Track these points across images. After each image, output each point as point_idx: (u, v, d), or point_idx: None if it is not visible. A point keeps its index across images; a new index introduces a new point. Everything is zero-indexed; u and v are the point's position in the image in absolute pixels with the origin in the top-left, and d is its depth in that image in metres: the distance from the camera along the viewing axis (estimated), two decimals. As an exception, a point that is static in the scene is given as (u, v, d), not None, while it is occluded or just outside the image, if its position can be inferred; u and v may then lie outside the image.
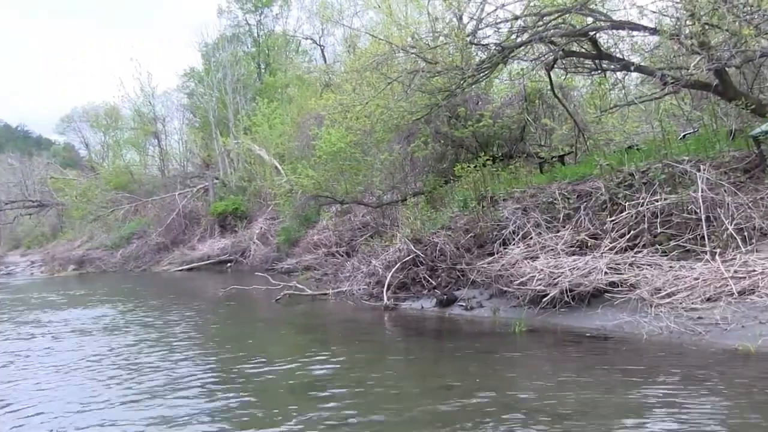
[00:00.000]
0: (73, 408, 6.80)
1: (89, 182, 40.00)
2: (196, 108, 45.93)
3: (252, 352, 9.43)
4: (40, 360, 9.76)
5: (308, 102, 28.42)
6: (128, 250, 33.73)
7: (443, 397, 6.34)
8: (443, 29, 13.81)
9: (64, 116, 71.38)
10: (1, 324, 14.35)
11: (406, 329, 10.99)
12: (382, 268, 13.61)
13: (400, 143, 17.18)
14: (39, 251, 50.04)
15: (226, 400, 6.87)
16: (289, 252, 23.87)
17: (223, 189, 35.47)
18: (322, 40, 41.47)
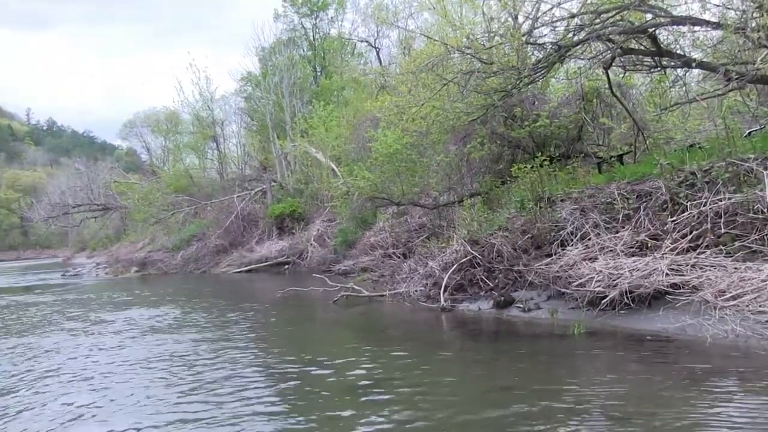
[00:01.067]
0: (132, 404, 7.05)
1: (151, 186, 40.92)
2: (253, 111, 46.56)
3: (309, 353, 9.54)
4: (108, 356, 10.14)
5: (364, 104, 28.55)
6: (188, 252, 34.37)
7: (501, 399, 6.32)
8: (499, 29, 13.74)
9: (127, 122, 73.55)
10: (74, 322, 14.95)
11: (463, 331, 10.97)
12: (438, 270, 13.59)
13: (457, 144, 17.13)
14: (104, 253, 51.57)
15: (282, 400, 6.98)
16: (346, 254, 23.99)
17: (280, 191, 35.87)
18: (378, 42, 41.58)
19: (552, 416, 5.66)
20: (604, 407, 5.83)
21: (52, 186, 62.56)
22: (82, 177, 51.47)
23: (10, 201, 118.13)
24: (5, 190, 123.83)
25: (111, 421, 6.53)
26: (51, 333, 13.40)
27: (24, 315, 17.24)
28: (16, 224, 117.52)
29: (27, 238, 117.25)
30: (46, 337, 12.87)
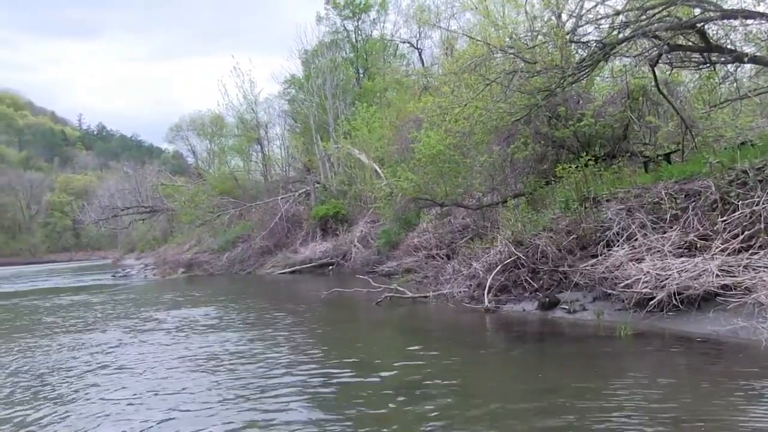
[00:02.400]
0: (178, 397, 7.16)
1: (196, 188, 41.46)
2: (297, 114, 46.91)
3: (353, 354, 9.57)
4: (158, 353, 10.41)
5: (407, 105, 28.57)
6: (233, 253, 34.73)
7: (546, 401, 6.25)
8: (542, 28, 13.63)
9: (173, 125, 74.78)
10: (126, 320, 15.35)
11: (507, 332, 10.88)
12: (482, 271, 13.51)
13: (500, 145, 17.00)
14: (151, 254, 52.46)
15: (325, 401, 7.01)
16: (389, 255, 24.00)
17: (324, 193, 36.04)
18: (420, 43, 41.57)
19: (598, 419, 5.57)
20: (651, 411, 5.71)
21: (102, 189, 63.98)
22: (131, 180, 52.50)
23: (63, 204, 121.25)
24: (59, 194, 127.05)
25: (158, 414, 6.65)
26: (106, 330, 13.84)
27: (81, 313, 17.75)
28: (69, 226, 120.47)
29: (79, 240, 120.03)
30: (101, 333, 13.33)
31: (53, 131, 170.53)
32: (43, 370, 9.77)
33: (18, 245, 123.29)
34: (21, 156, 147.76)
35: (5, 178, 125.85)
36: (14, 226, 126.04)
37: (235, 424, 6.29)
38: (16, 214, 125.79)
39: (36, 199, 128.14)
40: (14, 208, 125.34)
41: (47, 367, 9.92)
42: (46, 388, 8.51)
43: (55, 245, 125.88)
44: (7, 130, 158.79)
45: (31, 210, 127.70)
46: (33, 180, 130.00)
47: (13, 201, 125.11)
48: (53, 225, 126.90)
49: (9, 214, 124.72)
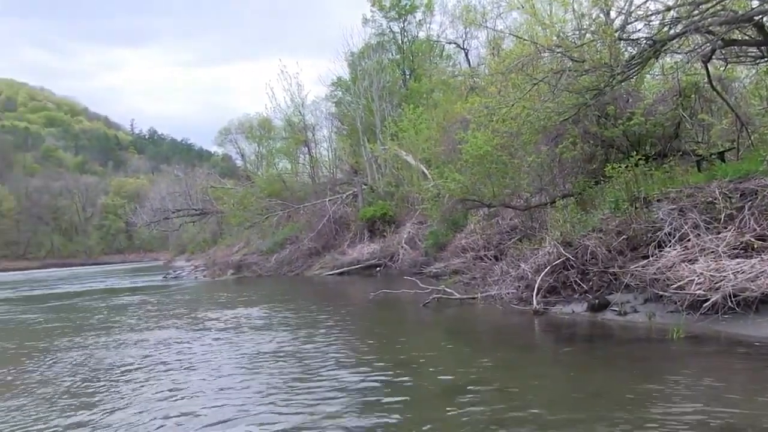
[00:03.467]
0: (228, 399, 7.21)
1: (245, 190, 41.95)
2: (343, 116, 47.17)
3: (400, 355, 9.57)
4: (210, 351, 10.64)
5: (453, 106, 28.45)
6: (282, 255, 35.00)
7: (595, 405, 6.17)
8: (590, 26, 13.43)
9: (222, 129, 75.85)
10: (180, 320, 15.74)
11: (556, 334, 10.76)
12: (531, 272, 13.39)
13: (548, 145, 16.82)
14: (201, 256, 53.24)
15: (372, 402, 7.01)
16: (437, 256, 23.95)
17: (371, 194, 36.14)
18: (466, 43, 41.34)
19: (648, 424, 5.47)
20: (705, 417, 5.58)
21: (153, 192, 65.22)
22: (181, 183, 53.43)
23: (117, 207, 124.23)
24: (112, 197, 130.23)
25: (210, 411, 6.74)
26: (161, 329, 14.24)
27: (136, 313, 18.28)
28: (122, 229, 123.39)
29: (131, 241, 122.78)
30: (157, 332, 13.72)
31: (107, 136, 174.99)
32: (103, 366, 10.09)
33: (74, 247, 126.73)
34: (77, 160, 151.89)
35: (62, 182, 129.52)
36: (71, 229, 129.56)
37: (282, 425, 6.34)
38: (72, 217, 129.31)
39: (91, 202, 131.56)
40: (71, 211, 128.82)
41: (106, 364, 10.23)
42: (105, 383, 8.75)
43: (109, 247, 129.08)
44: (65, 136, 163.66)
45: (87, 213, 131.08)
46: (88, 183, 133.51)
47: (69, 204, 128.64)
48: (107, 227, 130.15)
49: (66, 217, 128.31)
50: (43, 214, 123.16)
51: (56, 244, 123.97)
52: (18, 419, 7.18)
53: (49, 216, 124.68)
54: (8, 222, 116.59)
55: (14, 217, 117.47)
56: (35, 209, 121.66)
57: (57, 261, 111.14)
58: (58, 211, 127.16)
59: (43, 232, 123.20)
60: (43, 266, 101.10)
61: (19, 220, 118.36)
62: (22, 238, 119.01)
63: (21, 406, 7.74)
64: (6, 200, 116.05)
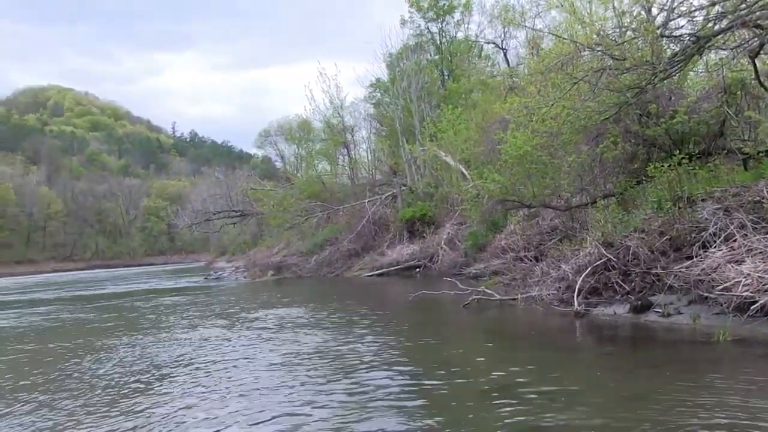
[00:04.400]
0: (268, 398, 7.29)
1: (285, 192, 42.20)
2: (382, 117, 47.22)
3: (439, 356, 9.56)
4: (251, 350, 10.82)
5: (492, 106, 28.29)
6: (321, 256, 35.11)
7: (638, 409, 6.07)
8: (631, 23, 13.26)
9: (262, 131, 76.59)
10: (222, 320, 15.99)
11: (598, 336, 10.64)
12: (572, 273, 13.26)
13: (588, 144, 16.64)
14: (242, 257, 53.78)
15: (411, 403, 7.01)
16: (476, 257, 23.84)
17: (410, 195, 36.12)
18: (505, 43, 41.06)
19: (693, 429, 5.37)
20: (753, 422, 5.46)
21: (195, 194, 66.18)
22: (222, 185, 54.06)
23: (159, 209, 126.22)
24: (154, 199, 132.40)
25: (251, 409, 6.82)
26: (204, 328, 14.56)
27: (180, 313, 18.65)
28: (164, 230, 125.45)
29: (173, 243, 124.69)
30: (200, 331, 14.06)
31: (149, 139, 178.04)
32: (150, 363, 10.39)
33: (118, 249, 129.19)
34: (120, 163, 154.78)
35: (107, 185, 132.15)
36: (115, 231, 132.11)
37: (318, 424, 6.39)
38: (116, 219, 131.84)
39: (134, 205, 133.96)
40: (115, 213, 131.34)
41: (153, 361, 10.52)
42: (152, 379, 8.97)
43: (152, 248, 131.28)
44: (108, 140, 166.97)
45: (130, 215, 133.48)
46: (131, 186, 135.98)
47: (113, 207, 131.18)
48: (150, 229, 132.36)
49: (110, 219, 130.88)
50: (89, 217, 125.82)
51: (101, 245, 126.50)
52: (71, 412, 7.47)
53: (94, 218, 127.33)
54: (56, 224, 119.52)
55: (61, 220, 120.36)
56: (81, 212, 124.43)
57: (101, 262, 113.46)
58: (102, 213, 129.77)
59: (89, 234, 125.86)
60: (89, 267, 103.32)
61: (66, 223, 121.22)
62: (68, 240, 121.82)
63: (74, 400, 8.04)
64: (54, 203, 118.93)
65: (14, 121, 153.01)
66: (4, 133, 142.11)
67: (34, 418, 7.36)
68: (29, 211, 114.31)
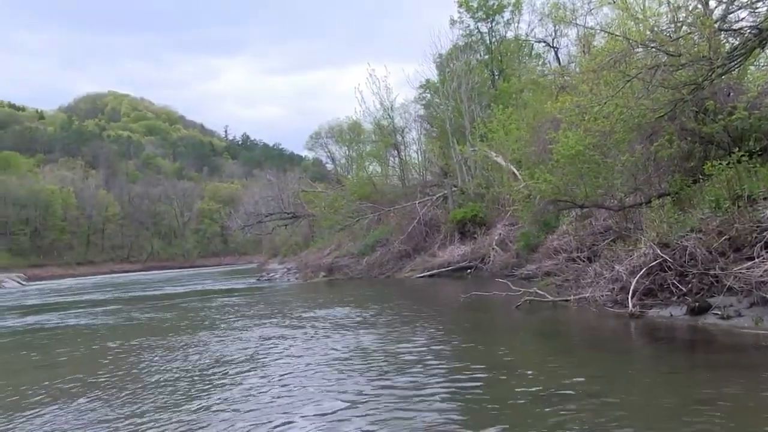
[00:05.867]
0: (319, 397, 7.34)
1: (336, 194, 42.45)
2: (432, 118, 47.11)
3: (491, 358, 9.48)
4: (305, 351, 10.90)
5: (543, 106, 27.95)
6: (373, 257, 35.20)
7: (698, 415, 5.90)
8: (686, 18, 12.97)
9: (313, 133, 76.98)
10: (276, 319, 16.30)
11: (653, 338, 10.42)
12: (626, 274, 13.01)
13: (642, 143, 16.32)
14: (294, 259, 54.22)
15: (461, 405, 6.98)
16: (528, 258, 23.64)
17: (461, 196, 35.98)
18: (556, 41, 40.60)
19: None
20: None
21: (247, 196, 67.14)
22: (273, 187, 54.69)
23: (212, 211, 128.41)
24: (208, 202, 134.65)
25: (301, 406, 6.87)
26: (258, 328, 14.86)
27: (234, 313, 19.10)
28: (218, 232, 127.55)
29: (227, 245, 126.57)
30: (254, 331, 14.37)
31: (202, 142, 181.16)
32: (207, 361, 10.70)
33: (173, 250, 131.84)
34: (175, 167, 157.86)
35: (161, 188, 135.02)
36: (170, 233, 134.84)
37: (368, 425, 6.39)
38: (171, 222, 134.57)
39: (188, 207, 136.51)
40: (169, 215, 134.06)
41: (211, 360, 10.81)
42: (209, 377, 9.18)
43: (205, 250, 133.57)
44: (163, 144, 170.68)
45: (184, 217, 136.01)
46: (185, 189, 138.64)
47: (168, 209, 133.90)
48: (203, 231, 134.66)
49: (165, 222, 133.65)
50: (144, 219, 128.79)
51: (156, 247, 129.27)
52: (134, 406, 7.70)
53: (150, 221, 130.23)
54: (113, 227, 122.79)
55: (119, 222, 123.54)
56: (137, 214, 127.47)
57: (157, 264, 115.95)
58: (157, 216, 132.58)
59: (144, 237, 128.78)
60: (145, 269, 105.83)
61: (123, 225, 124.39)
62: (125, 242, 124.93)
63: (136, 396, 8.32)
64: (111, 206, 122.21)
65: (75, 127, 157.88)
66: (66, 138, 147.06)
67: (100, 412, 7.58)
68: (89, 214, 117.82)
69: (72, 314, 22.57)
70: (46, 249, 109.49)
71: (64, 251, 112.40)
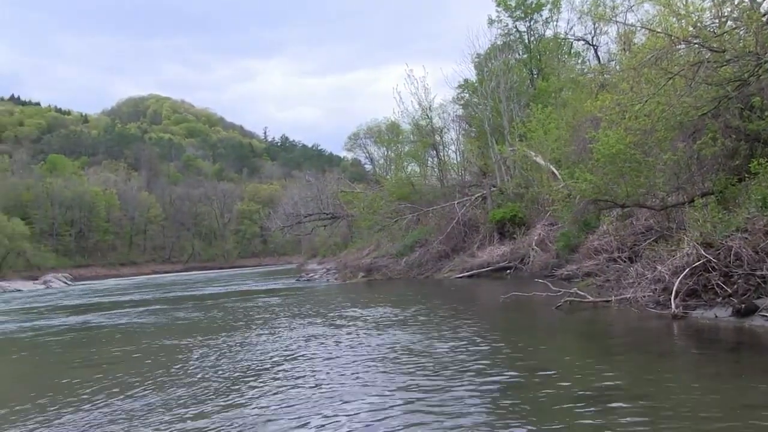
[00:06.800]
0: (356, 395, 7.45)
1: (374, 194, 42.45)
2: (471, 118, 46.89)
3: (530, 359, 9.43)
4: (345, 350, 11.21)
5: (583, 104, 27.65)
6: (412, 257, 35.10)
7: (746, 420, 5.77)
8: (731, 13, 12.72)
9: (351, 134, 77.46)
10: (316, 318, 16.62)
11: (697, 340, 10.24)
12: (668, 274, 12.81)
13: (685, 141, 16.05)
14: (333, 259, 54.43)
15: (500, 407, 6.94)
16: (568, 258, 23.39)
17: (500, 196, 35.75)
18: (595, 39, 40.05)
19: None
20: None
21: (286, 197, 67.63)
22: (312, 188, 55.02)
23: (252, 212, 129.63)
24: (247, 203, 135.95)
25: (340, 404, 6.93)
26: (299, 327, 15.20)
27: (275, 313, 19.43)
28: (257, 233, 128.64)
29: (266, 245, 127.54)
30: (295, 330, 14.70)
31: (242, 144, 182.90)
32: (251, 359, 11.03)
33: (213, 251, 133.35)
34: (215, 168, 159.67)
35: (202, 190, 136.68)
36: (210, 234, 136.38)
37: (406, 422, 6.41)
38: (211, 223, 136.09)
39: (228, 208, 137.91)
40: (210, 216, 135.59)
41: (254, 358, 11.12)
42: (253, 375, 9.42)
43: (245, 251, 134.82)
44: (203, 145, 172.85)
45: (224, 218, 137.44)
46: (225, 190, 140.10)
47: (209, 210, 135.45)
48: (243, 232, 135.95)
49: (205, 223, 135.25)
50: (185, 220, 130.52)
51: (197, 248, 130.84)
52: (179, 403, 7.93)
53: (191, 222, 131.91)
54: (155, 228, 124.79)
55: (160, 223, 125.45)
56: (178, 215, 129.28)
57: (197, 264, 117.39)
58: (198, 217, 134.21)
59: (185, 237, 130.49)
60: (185, 269, 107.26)
61: (165, 226, 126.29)
62: (167, 243, 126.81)
63: (181, 393, 8.55)
64: (153, 207, 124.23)
65: (118, 130, 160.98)
66: (109, 141, 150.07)
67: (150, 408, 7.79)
68: (131, 215, 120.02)
69: (119, 314, 23.13)
70: (91, 250, 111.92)
71: (107, 252, 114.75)
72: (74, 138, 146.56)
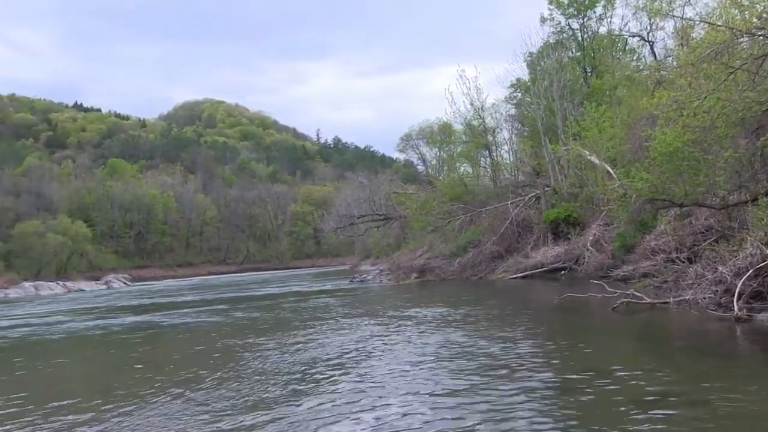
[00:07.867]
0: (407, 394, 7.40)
1: (427, 195, 42.40)
2: (524, 117, 46.44)
3: (586, 362, 9.28)
4: (398, 350, 11.37)
5: (639, 102, 27.12)
6: (465, 258, 34.89)
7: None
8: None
9: (404, 135, 77.23)
10: (370, 319, 16.85)
11: (762, 344, 9.93)
12: (730, 275, 12.44)
13: (747, 138, 15.59)
14: (386, 260, 54.51)
15: (554, 410, 6.85)
16: (624, 258, 22.97)
17: (554, 196, 35.33)
18: (651, 35, 39.24)
19: None
20: None
21: (339, 199, 68.02)
22: (365, 189, 55.23)
23: (305, 214, 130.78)
24: (301, 204, 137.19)
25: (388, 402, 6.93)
26: (356, 327, 15.45)
27: (330, 313, 19.78)
28: (311, 235, 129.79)
29: (319, 247, 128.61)
30: (352, 330, 14.97)
31: (295, 146, 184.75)
32: (307, 359, 11.25)
33: (268, 252, 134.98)
34: (268, 171, 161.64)
35: (256, 192, 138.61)
36: (264, 235, 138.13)
37: (459, 424, 6.37)
38: (265, 224, 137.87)
39: (282, 210, 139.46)
40: (264, 218, 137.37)
41: (311, 358, 11.33)
42: (309, 374, 9.61)
43: (299, 252, 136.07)
44: (257, 148, 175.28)
45: (278, 220, 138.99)
46: (279, 192, 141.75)
47: (263, 212, 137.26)
48: (297, 233, 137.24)
49: (260, 224, 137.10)
50: (240, 222, 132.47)
51: (251, 249, 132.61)
52: (235, 401, 8.13)
53: (245, 223, 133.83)
54: (211, 230, 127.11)
55: (216, 225, 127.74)
56: (233, 218, 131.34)
57: (252, 266, 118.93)
58: (252, 218, 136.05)
59: (240, 239, 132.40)
60: (240, 270, 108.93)
61: (220, 228, 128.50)
62: (222, 245, 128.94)
63: (238, 391, 8.76)
64: (209, 209, 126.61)
65: (174, 134, 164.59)
66: (166, 145, 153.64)
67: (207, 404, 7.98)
68: (188, 218, 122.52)
69: (178, 314, 23.78)
70: (149, 251, 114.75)
71: (165, 253, 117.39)
72: (133, 142, 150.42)
